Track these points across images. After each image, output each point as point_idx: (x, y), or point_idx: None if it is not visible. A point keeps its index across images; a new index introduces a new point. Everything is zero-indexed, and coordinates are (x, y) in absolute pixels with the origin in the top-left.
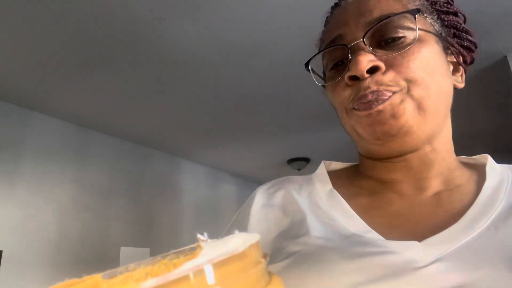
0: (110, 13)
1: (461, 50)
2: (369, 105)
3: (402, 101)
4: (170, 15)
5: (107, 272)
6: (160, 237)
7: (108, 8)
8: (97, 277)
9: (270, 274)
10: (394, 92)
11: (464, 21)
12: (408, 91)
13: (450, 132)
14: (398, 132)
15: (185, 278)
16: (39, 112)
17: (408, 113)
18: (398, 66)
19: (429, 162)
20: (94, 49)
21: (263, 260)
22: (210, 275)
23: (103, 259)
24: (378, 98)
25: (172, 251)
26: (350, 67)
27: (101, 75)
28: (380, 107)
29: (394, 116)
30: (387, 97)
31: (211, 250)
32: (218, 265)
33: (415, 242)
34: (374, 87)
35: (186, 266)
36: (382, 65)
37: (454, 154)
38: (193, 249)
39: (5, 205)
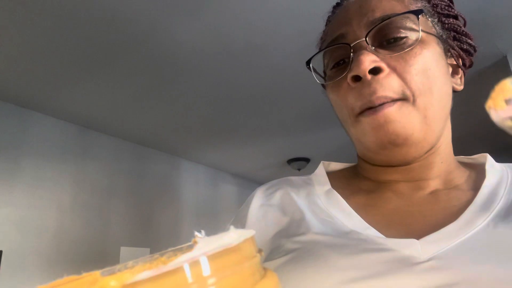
0: (110, 13)
1: (461, 53)
2: (375, 110)
3: (409, 112)
4: (169, 16)
5: (106, 269)
6: (160, 237)
7: (108, 8)
8: (96, 274)
9: (265, 269)
10: (400, 100)
11: (464, 25)
12: (414, 100)
13: (450, 134)
14: (403, 143)
15: (180, 269)
16: (39, 112)
17: (414, 125)
18: (401, 69)
19: (429, 164)
20: (95, 49)
21: (258, 254)
22: (205, 266)
23: (103, 259)
24: (385, 105)
25: (170, 249)
26: (352, 66)
27: (101, 75)
28: (386, 111)
29: (400, 123)
30: (394, 104)
31: (206, 244)
32: (213, 257)
33: (414, 240)
34: (381, 93)
35: (181, 259)
36: (384, 66)
37: (453, 156)
38: (191, 246)
39: (5, 205)
